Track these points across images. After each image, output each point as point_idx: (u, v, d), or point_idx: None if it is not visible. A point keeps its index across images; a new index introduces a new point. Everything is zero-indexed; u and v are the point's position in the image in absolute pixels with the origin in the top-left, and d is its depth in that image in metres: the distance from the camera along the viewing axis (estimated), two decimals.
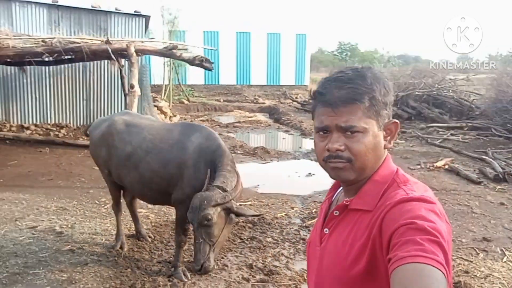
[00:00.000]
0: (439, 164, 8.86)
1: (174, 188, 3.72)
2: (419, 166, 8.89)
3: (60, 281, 3.57)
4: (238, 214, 3.29)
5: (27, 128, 9.85)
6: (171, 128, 3.92)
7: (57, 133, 9.90)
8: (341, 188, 1.29)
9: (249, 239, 4.88)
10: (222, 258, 4.40)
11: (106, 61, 8.90)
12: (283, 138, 13.04)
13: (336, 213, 1.20)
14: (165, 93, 16.88)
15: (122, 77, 8.51)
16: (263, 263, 4.25)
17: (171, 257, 4.31)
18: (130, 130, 3.92)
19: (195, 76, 21.06)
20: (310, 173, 8.31)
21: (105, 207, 5.80)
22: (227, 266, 4.23)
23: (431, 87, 14.58)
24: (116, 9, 9.79)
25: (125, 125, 3.96)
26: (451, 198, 6.54)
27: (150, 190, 3.87)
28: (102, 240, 4.56)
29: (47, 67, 9.40)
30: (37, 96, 9.86)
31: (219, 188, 3.24)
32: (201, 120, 15.30)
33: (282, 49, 23.39)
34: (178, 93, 19.52)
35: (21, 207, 5.51)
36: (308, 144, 11.71)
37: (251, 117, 17.22)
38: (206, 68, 6.82)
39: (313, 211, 5.91)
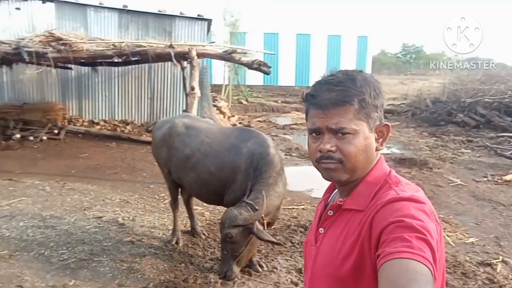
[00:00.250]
0: (508, 177, 8.31)
1: (227, 190, 3.86)
2: (485, 179, 8.40)
3: (120, 269, 3.84)
4: (258, 237, 3.36)
5: (97, 124, 10.58)
6: (228, 132, 4.06)
7: (123, 129, 10.53)
8: (337, 189, 1.31)
9: (299, 244, 4.91)
10: (272, 260, 4.47)
11: (169, 62, 9.32)
12: None
13: (330, 213, 1.23)
14: (224, 93, 17.30)
15: (184, 78, 8.84)
16: None
17: None
18: (189, 133, 4.11)
19: (254, 76, 21.32)
20: None
21: (164, 202, 6.10)
22: (276, 268, 4.30)
23: (503, 93, 13.65)
24: (180, 13, 10.22)
25: (185, 128, 4.17)
26: None
27: (206, 191, 4.04)
28: (159, 234, 4.82)
29: (116, 68, 10.03)
30: (107, 94, 10.56)
31: (249, 205, 3.35)
32: (258, 121, 15.51)
33: (342, 51, 23.04)
34: (237, 93, 19.90)
35: (89, 197, 5.95)
36: None
37: None
38: (264, 72, 6.94)
39: None
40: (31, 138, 9.60)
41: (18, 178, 6.79)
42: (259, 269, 4.17)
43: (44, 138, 9.67)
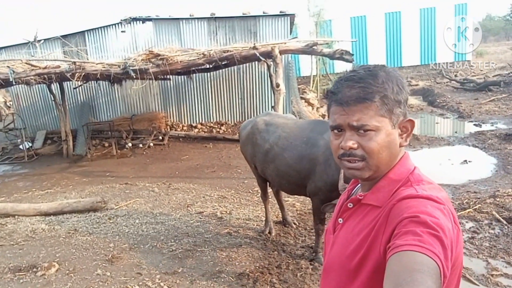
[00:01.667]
0: None
1: (308, 181, 4.06)
2: None
3: (220, 258, 4.28)
4: None
5: (195, 127, 11.48)
6: (304, 126, 4.25)
7: (218, 130, 11.28)
8: (360, 183, 1.31)
9: None
10: None
11: (255, 62, 9.74)
12: (437, 123, 12.17)
13: (350, 205, 1.24)
14: (313, 84, 17.33)
15: (270, 75, 9.18)
16: None
17: (313, 243, 4.68)
18: (268, 129, 4.40)
19: (342, 63, 20.91)
20: (465, 161, 7.69)
21: (257, 196, 6.49)
22: None
23: None
24: (263, 13, 10.61)
25: (264, 125, 4.47)
26: None
27: (287, 182, 4.28)
28: (254, 225, 5.21)
29: (208, 73, 10.77)
30: (202, 99, 11.41)
31: None
32: None
33: (437, 24, 21.38)
34: (326, 83, 19.77)
35: (191, 195, 6.60)
36: (467, 127, 10.71)
37: None
38: (346, 61, 6.94)
39: (465, 201, 5.56)
40: (140, 145, 10.79)
41: (132, 182, 7.76)
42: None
43: (151, 144, 10.80)
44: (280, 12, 10.50)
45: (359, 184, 1.33)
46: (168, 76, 10.18)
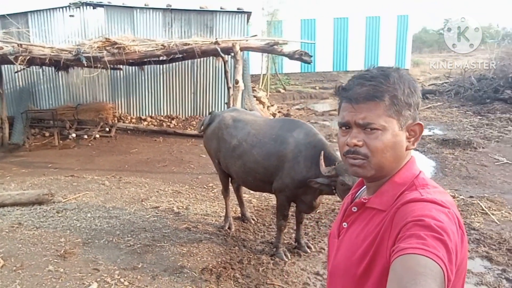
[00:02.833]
0: None
1: (274, 177, 4.11)
2: None
3: (181, 253, 4.21)
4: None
5: (144, 120, 11.14)
6: (273, 124, 4.30)
7: (168, 123, 11.04)
8: (365, 185, 1.30)
9: None
10: (319, 242, 4.72)
11: (211, 57, 9.66)
12: None
13: (354, 209, 1.23)
14: (262, 83, 17.50)
15: (226, 72, 9.16)
16: None
17: (272, 239, 4.75)
18: (236, 125, 4.40)
19: (291, 64, 21.35)
20: None
21: (213, 191, 6.47)
22: (323, 249, 4.54)
23: None
24: (221, 8, 10.52)
25: (232, 121, 4.46)
26: None
27: (253, 179, 4.31)
28: (212, 220, 5.18)
29: (160, 66, 10.49)
30: (152, 91, 11.09)
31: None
32: (296, 109, 15.64)
33: (381, 33, 22.51)
34: (275, 82, 20.04)
35: (144, 189, 6.42)
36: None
37: None
38: (305, 62, 7.10)
39: None
40: (85, 136, 10.29)
41: (78, 174, 7.38)
42: (308, 250, 4.43)
43: (97, 136, 10.33)
44: (238, 9, 10.49)
45: (363, 187, 1.33)
46: (119, 66, 9.78)
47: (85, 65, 6.75)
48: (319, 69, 23.01)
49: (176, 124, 11.09)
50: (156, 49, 7.01)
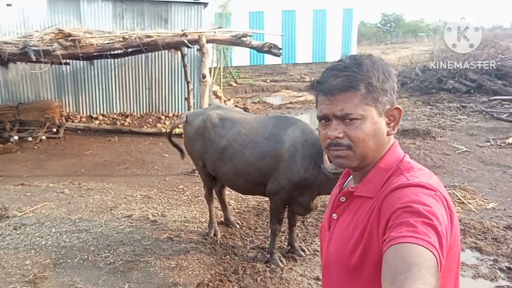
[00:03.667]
0: (511, 140, 8.53)
1: (269, 179, 3.84)
2: (488, 143, 8.60)
3: (170, 267, 3.83)
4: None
5: (96, 118, 10.32)
6: (265, 121, 4.01)
7: (122, 122, 10.32)
8: (352, 175, 1.30)
9: None
10: (311, 243, 4.54)
11: (166, 51, 9.10)
12: None
13: (342, 199, 1.23)
14: (214, 76, 17.05)
15: (185, 65, 8.68)
16: None
17: (262, 243, 4.50)
18: (224, 124, 4.06)
19: (240, 57, 21.13)
20: None
21: (185, 194, 6.06)
22: (318, 251, 4.36)
23: (493, 57, 13.81)
24: None
25: (219, 119, 4.10)
26: None
27: (245, 181, 4.01)
28: (194, 227, 4.81)
29: (110, 60, 9.72)
30: (104, 88, 10.27)
31: None
32: (252, 103, 15.41)
33: (328, 26, 22.89)
34: (225, 76, 19.66)
35: (110, 196, 5.86)
36: None
37: (299, 96, 17.11)
38: (274, 55, 6.85)
39: None
40: (30, 139, 9.33)
41: (29, 182, 6.62)
42: (302, 253, 4.23)
43: (43, 138, 9.40)
44: (194, 0, 9.99)
45: (350, 178, 1.32)
46: (66, 61, 8.93)
47: (34, 59, 6.00)
48: (268, 62, 22.97)
49: (131, 122, 10.39)
50: (116, 42, 6.40)
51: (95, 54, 6.91)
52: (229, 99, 13.71)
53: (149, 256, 4.03)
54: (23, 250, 4.09)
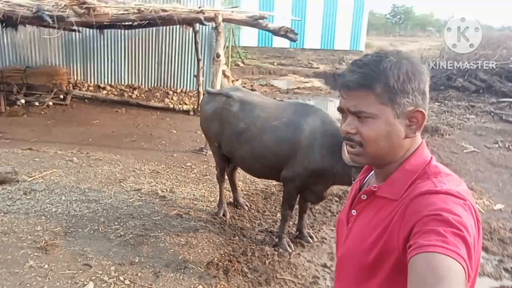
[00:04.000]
0: None
1: (285, 165, 3.83)
2: (496, 145, 8.60)
3: (180, 244, 3.84)
4: None
5: (103, 88, 10.24)
6: (285, 107, 3.97)
7: (130, 94, 10.24)
8: (373, 171, 1.27)
9: (338, 212, 5.00)
10: (319, 231, 4.56)
11: (177, 26, 8.95)
12: None
13: (363, 197, 1.21)
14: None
15: (196, 43, 8.57)
16: None
17: (271, 227, 4.52)
18: (243, 107, 4.01)
19: (248, 37, 20.90)
20: None
21: (193, 172, 6.06)
22: (325, 239, 4.39)
23: (506, 59, 13.70)
24: None
25: (239, 102, 4.06)
26: None
27: (260, 166, 4.00)
28: (203, 206, 4.82)
29: (122, 30, 9.58)
30: (113, 58, 10.15)
31: None
32: (259, 85, 15.31)
33: (338, 13, 22.59)
34: (233, 55, 19.47)
35: (119, 168, 5.85)
36: None
37: (307, 82, 17.00)
38: (290, 39, 6.76)
39: None
40: (37, 103, 9.27)
41: (36, 147, 6.60)
42: (310, 240, 4.26)
43: (50, 103, 9.35)
44: None
45: (371, 173, 1.30)
46: (76, 28, 8.79)
47: (50, 24, 5.89)
48: (276, 44, 22.74)
49: (138, 95, 10.31)
50: (131, 13, 6.28)
51: (107, 23, 6.76)
52: (237, 79, 13.61)
53: (159, 231, 4.04)
54: (34, 216, 4.08)
